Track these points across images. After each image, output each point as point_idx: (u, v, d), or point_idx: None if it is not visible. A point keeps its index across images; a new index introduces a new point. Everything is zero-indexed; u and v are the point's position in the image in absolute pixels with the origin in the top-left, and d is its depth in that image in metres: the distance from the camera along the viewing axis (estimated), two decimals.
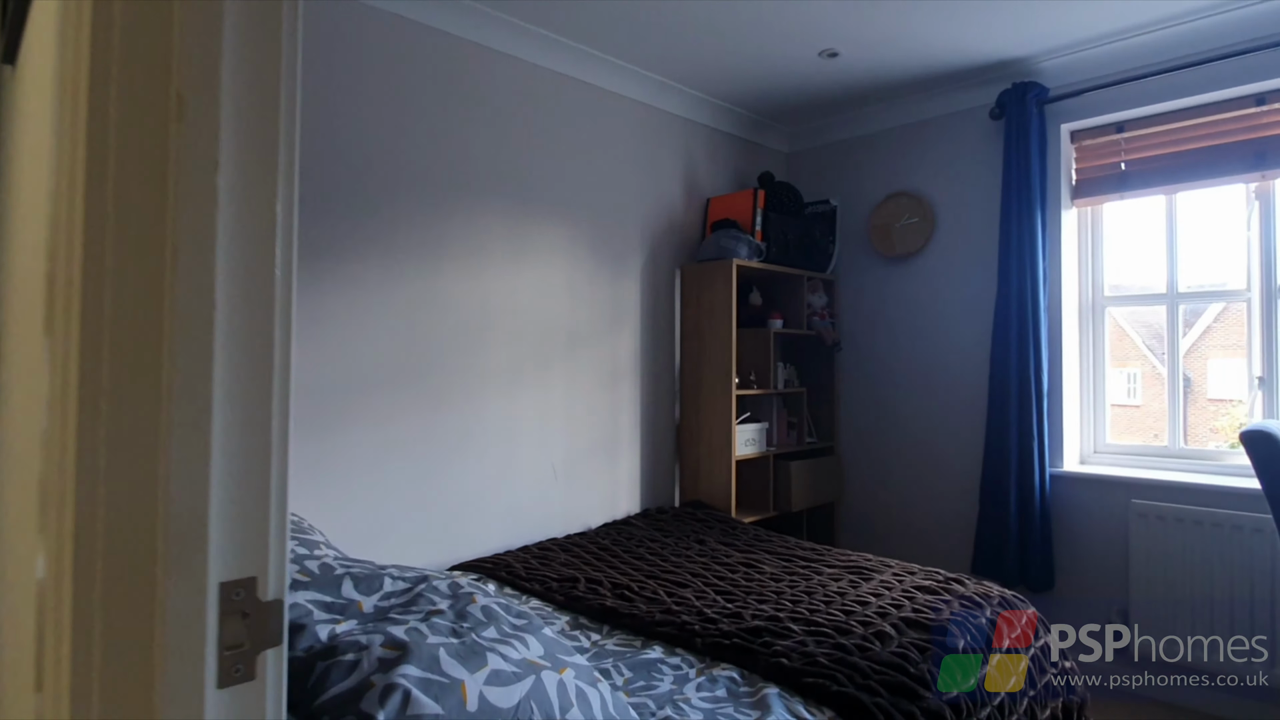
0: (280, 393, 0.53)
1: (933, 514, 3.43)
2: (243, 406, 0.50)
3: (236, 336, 0.50)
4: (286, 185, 0.54)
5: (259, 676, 0.49)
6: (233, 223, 0.50)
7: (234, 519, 0.48)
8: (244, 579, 0.48)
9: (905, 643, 1.81)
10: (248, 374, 0.51)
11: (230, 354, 0.50)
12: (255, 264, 0.51)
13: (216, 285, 0.49)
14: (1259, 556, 2.56)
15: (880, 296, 3.64)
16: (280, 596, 0.50)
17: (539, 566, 2.44)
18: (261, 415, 0.51)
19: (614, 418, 3.12)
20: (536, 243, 2.85)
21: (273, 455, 0.51)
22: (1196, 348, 4.24)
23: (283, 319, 0.52)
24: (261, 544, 0.49)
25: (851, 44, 2.94)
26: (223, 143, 0.51)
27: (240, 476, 0.49)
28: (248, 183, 0.52)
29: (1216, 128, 2.85)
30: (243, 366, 0.50)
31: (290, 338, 0.53)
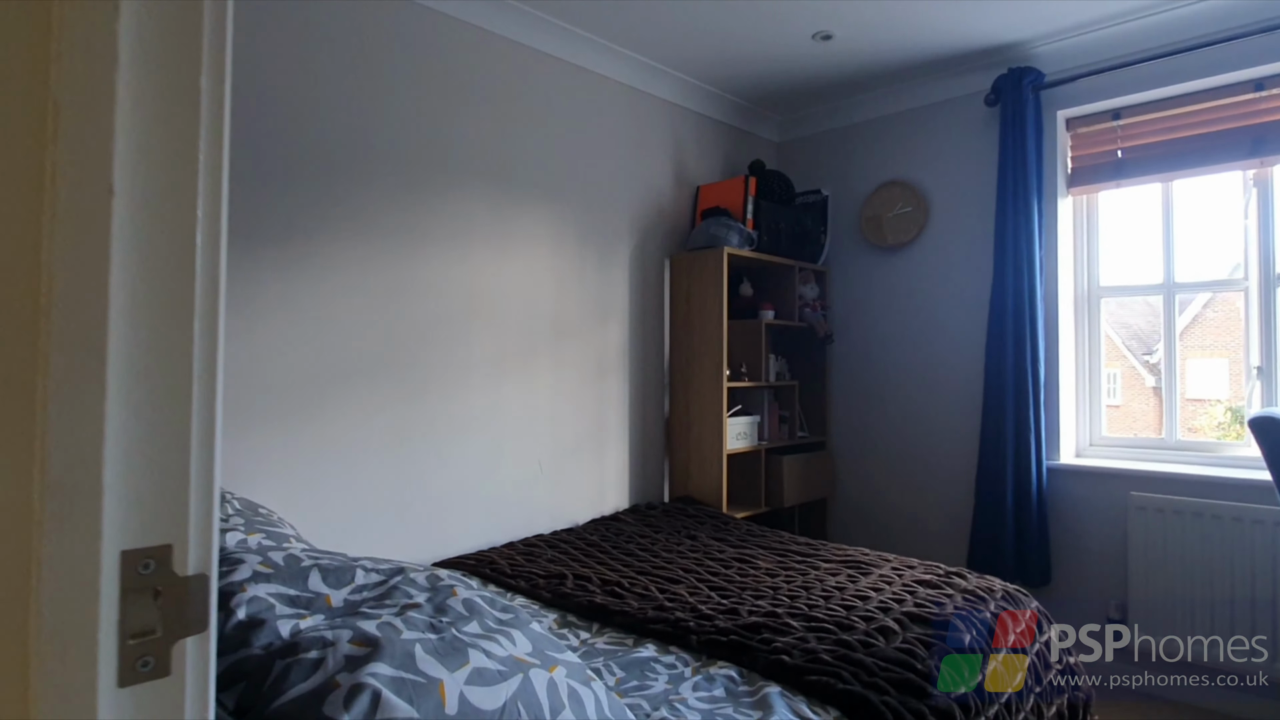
0: (205, 340, 0.42)
1: (927, 509, 3.36)
2: (150, 351, 0.40)
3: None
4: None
5: (175, 672, 0.39)
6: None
7: (140, 472, 0.38)
8: (155, 547, 0.38)
9: (910, 638, 1.73)
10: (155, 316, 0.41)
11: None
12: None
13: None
14: (1260, 548, 2.51)
15: (873, 287, 3.57)
16: (205, 571, 0.40)
17: (525, 563, 2.34)
18: (177, 361, 0.41)
19: (602, 411, 3.02)
20: (522, 229, 2.74)
21: (194, 403, 0.41)
22: (1169, 352, 4.23)
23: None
24: (178, 504, 0.39)
25: (846, 25, 2.86)
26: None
27: (150, 423, 0.39)
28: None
29: (1214, 114, 2.81)
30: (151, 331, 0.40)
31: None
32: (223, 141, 0.44)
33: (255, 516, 1.66)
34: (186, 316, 0.41)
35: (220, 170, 0.44)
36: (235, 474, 1.99)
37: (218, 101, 0.44)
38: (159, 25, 0.41)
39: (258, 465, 2.05)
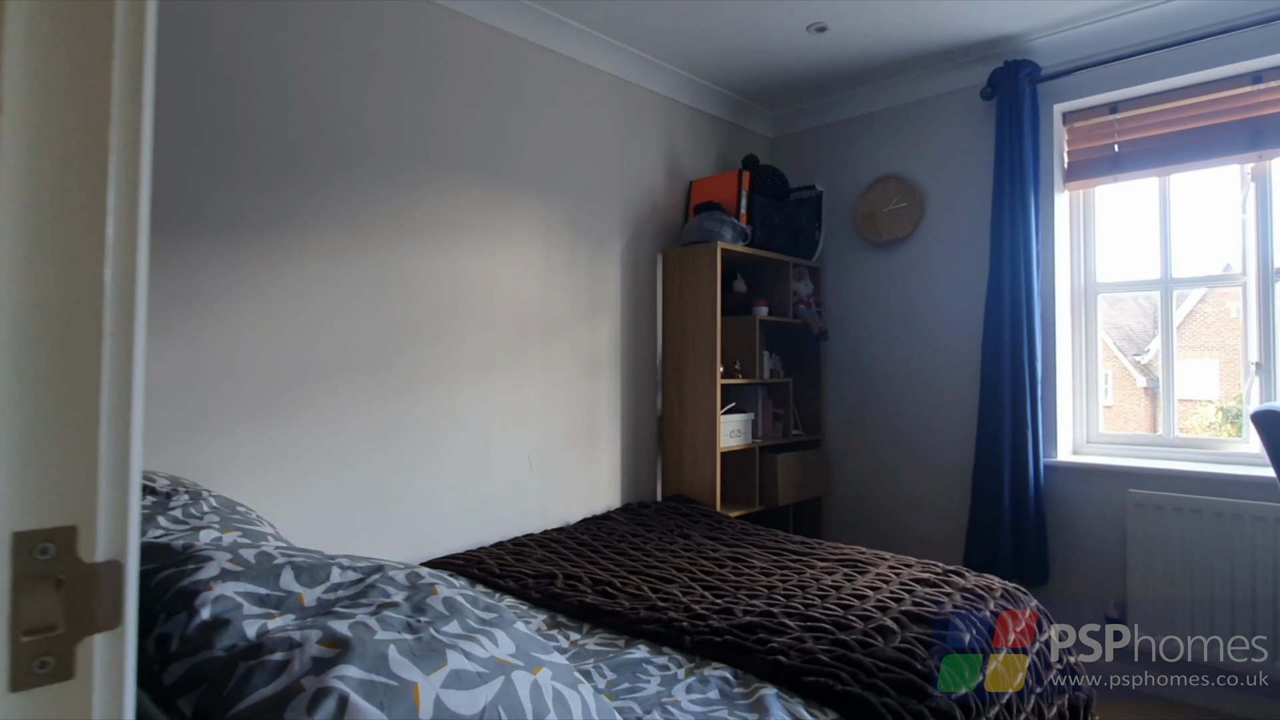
0: (119, 294, 0.37)
1: (923, 507, 3.32)
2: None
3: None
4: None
5: (80, 675, 0.33)
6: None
7: (37, 443, 0.32)
8: (55, 529, 0.32)
9: (909, 638, 1.68)
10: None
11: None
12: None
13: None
14: (1261, 545, 2.48)
15: (867, 284, 3.53)
16: (119, 558, 0.34)
17: (514, 563, 2.28)
18: (80, 318, 0.35)
19: (593, 408, 2.96)
20: (511, 222, 2.69)
21: (104, 368, 0.35)
22: (1166, 348, 4.21)
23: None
24: (85, 481, 0.33)
25: (841, 17, 2.82)
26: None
27: (50, 390, 0.33)
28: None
29: (1211, 107, 2.78)
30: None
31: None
32: (143, 78, 0.38)
33: (232, 515, 1.61)
34: (93, 264, 0.36)
35: (140, 110, 0.38)
36: (213, 472, 1.93)
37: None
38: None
39: (237, 463, 1.99)
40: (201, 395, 1.93)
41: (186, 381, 1.90)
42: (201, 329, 1.93)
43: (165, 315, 1.85)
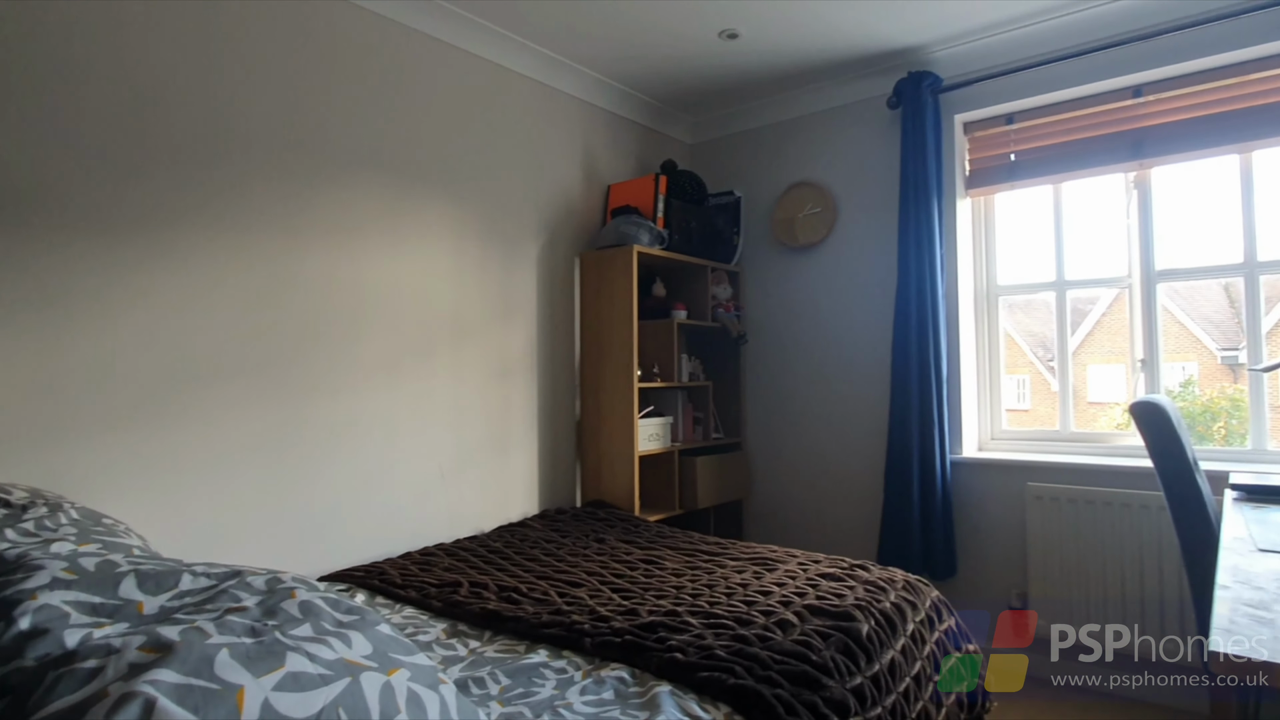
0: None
1: (840, 505, 3.38)
2: None
3: None
4: None
5: None
6: None
7: None
8: None
9: (808, 630, 1.69)
10: None
11: None
12: None
13: None
14: (1146, 532, 2.60)
15: (785, 287, 3.59)
16: None
17: (418, 573, 2.21)
18: None
19: (507, 414, 2.91)
20: (419, 223, 2.62)
21: None
22: (1078, 354, 4.43)
23: None
24: None
25: (751, 24, 2.87)
26: None
27: None
28: None
29: (1098, 119, 2.94)
30: None
31: None
32: None
33: (95, 527, 1.50)
34: None
35: None
36: (85, 484, 1.80)
37: None
38: None
39: (112, 475, 1.86)
40: (72, 403, 1.81)
41: (52, 388, 1.77)
42: (71, 333, 1.81)
43: (24, 318, 1.73)
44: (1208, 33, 2.59)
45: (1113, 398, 3.47)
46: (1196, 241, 2.89)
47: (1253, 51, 2.57)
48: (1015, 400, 4.48)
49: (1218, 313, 3.15)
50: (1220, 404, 3.03)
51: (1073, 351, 4.38)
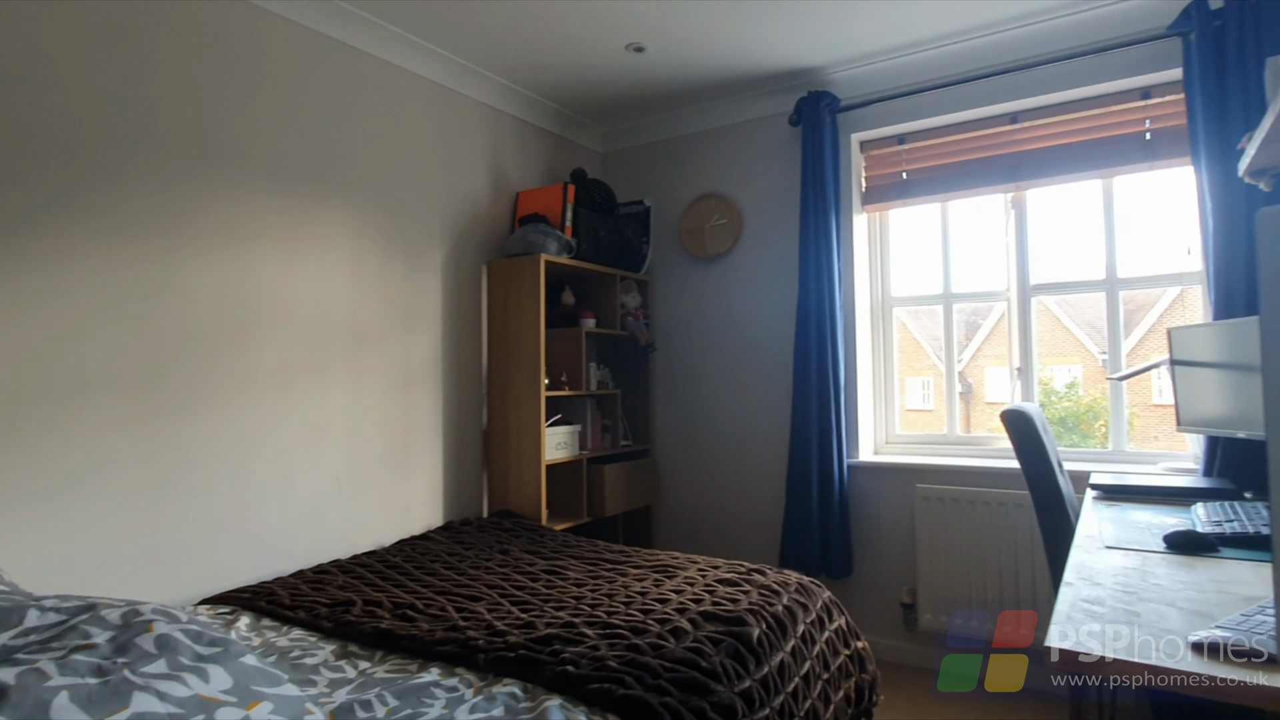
0: None
1: (745, 510, 3.47)
2: None
3: None
4: None
5: None
6: None
7: None
8: None
9: (700, 637, 1.73)
10: None
11: None
12: None
13: None
14: (1019, 529, 2.79)
15: (693, 297, 3.66)
16: None
17: (310, 592, 2.13)
18: None
19: (410, 424, 2.85)
20: (316, 229, 2.54)
21: None
22: (976, 357, 4.70)
23: None
24: None
25: (657, 39, 2.92)
26: None
27: None
28: None
29: (980, 142, 3.13)
30: None
31: None
32: None
33: None
34: None
35: None
36: None
37: None
38: None
39: None
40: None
41: None
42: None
43: None
44: (1075, 66, 2.81)
45: (1006, 399, 3.70)
46: (1071, 257, 3.12)
47: (1113, 85, 2.80)
48: (920, 401, 4.70)
49: (1099, 318, 3.41)
50: (1102, 404, 3.27)
51: (970, 355, 4.65)
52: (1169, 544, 1.54)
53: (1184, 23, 2.50)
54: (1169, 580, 1.32)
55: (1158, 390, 3.20)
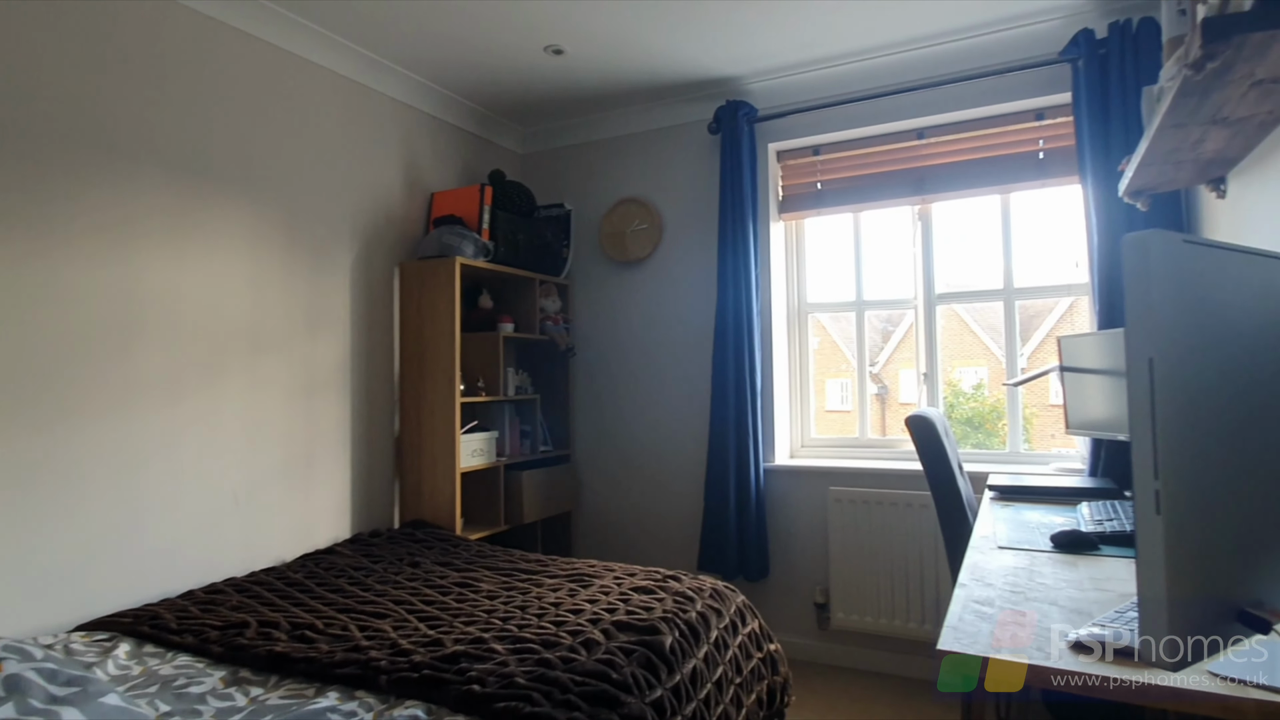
0: None
1: (665, 515, 3.47)
2: None
3: None
4: None
5: None
6: None
7: None
8: None
9: (612, 648, 1.71)
10: None
11: None
12: None
13: None
14: (924, 529, 2.90)
15: (614, 301, 3.65)
16: None
17: (200, 614, 2.00)
18: None
19: (314, 432, 2.72)
20: (210, 227, 2.39)
21: None
22: (891, 361, 4.88)
23: None
24: None
25: (575, 42, 2.89)
26: None
27: None
28: None
29: (889, 156, 3.24)
30: None
31: None
32: None
33: None
34: None
35: None
36: None
37: None
38: None
39: None
40: None
41: None
42: None
43: None
44: (976, 86, 2.94)
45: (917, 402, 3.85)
46: (973, 267, 3.28)
47: (1010, 106, 2.95)
48: (840, 402, 4.83)
49: (1003, 324, 3.58)
50: (1005, 405, 3.44)
51: (886, 359, 4.81)
52: (1055, 543, 1.63)
53: (1073, 50, 2.66)
54: (1053, 579, 1.39)
55: (1055, 391, 3.39)
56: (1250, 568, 0.82)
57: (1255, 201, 1.84)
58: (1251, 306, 0.85)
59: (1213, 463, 0.78)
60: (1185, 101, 1.40)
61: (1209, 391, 0.79)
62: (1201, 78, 1.26)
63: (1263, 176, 1.76)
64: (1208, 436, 0.78)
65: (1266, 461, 0.84)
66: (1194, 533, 0.75)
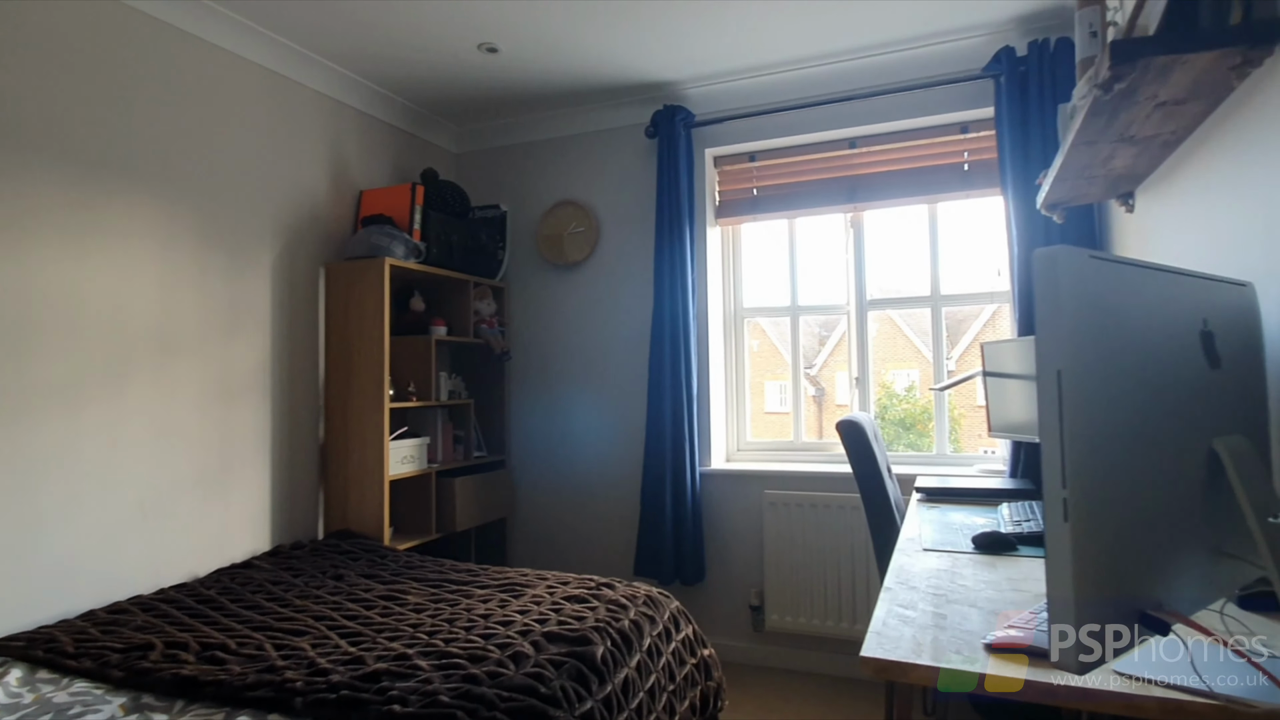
0: None
1: (602, 521, 3.45)
2: None
3: None
4: None
5: None
6: None
7: None
8: None
9: (542, 660, 1.68)
10: None
11: None
12: None
13: None
14: (855, 531, 2.95)
15: (551, 304, 3.60)
16: None
17: (100, 636, 1.87)
18: None
19: (231, 439, 2.58)
20: (116, 223, 2.24)
21: None
22: (827, 364, 4.97)
23: None
24: None
25: (510, 41, 2.84)
26: None
27: None
28: None
29: (823, 164, 3.30)
30: None
31: None
32: None
33: None
34: None
35: None
36: None
37: None
38: None
39: None
40: None
41: None
42: None
43: None
44: (905, 99, 3.02)
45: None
46: (903, 274, 3.36)
47: (937, 119, 3.04)
48: (778, 405, 4.88)
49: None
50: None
51: (822, 363, 4.89)
52: (976, 545, 1.67)
53: (995, 66, 2.76)
54: (974, 581, 1.42)
55: (981, 394, 3.51)
56: (1152, 572, 0.85)
57: (1160, 216, 1.93)
58: (1153, 319, 0.88)
59: (1117, 471, 0.80)
60: (1096, 120, 1.46)
61: (1114, 402, 0.81)
62: (1110, 98, 1.31)
63: (1167, 192, 1.85)
64: (1113, 446, 0.80)
65: (1167, 470, 0.87)
66: (1099, 539, 0.77)
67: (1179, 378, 0.90)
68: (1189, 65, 1.23)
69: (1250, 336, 1.12)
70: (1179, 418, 0.89)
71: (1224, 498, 0.90)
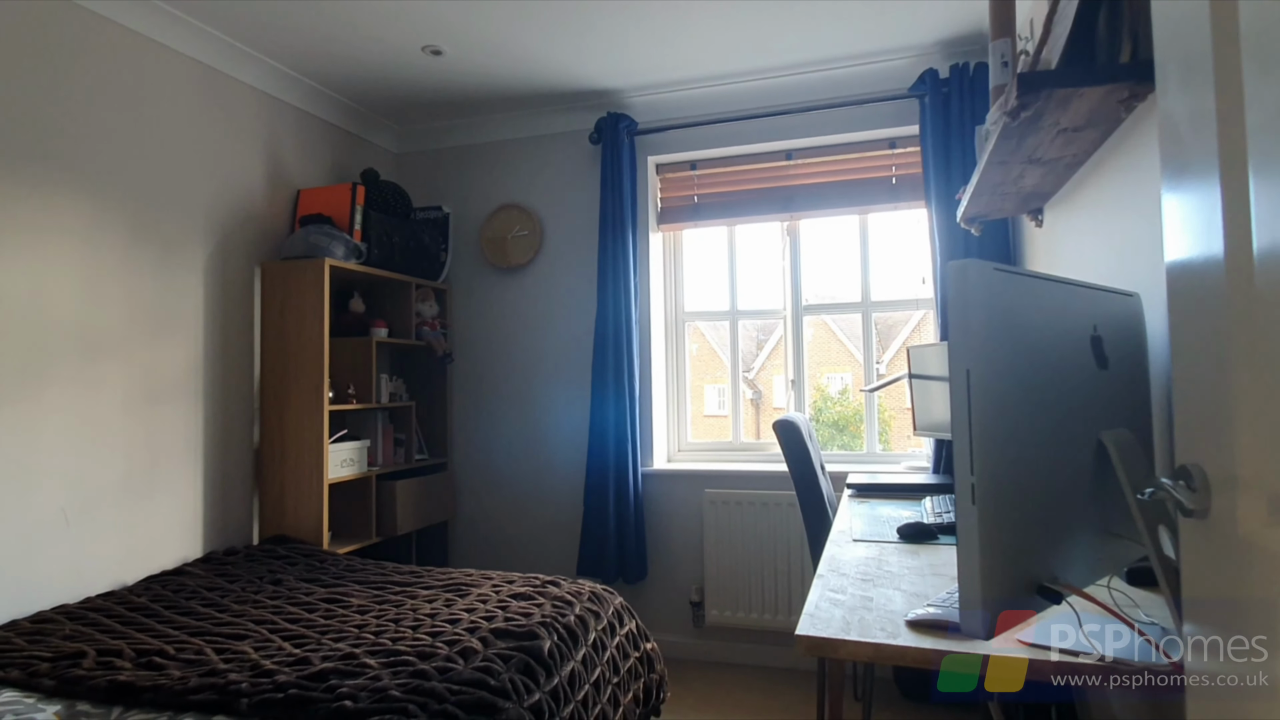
0: None
1: (545, 522, 3.48)
2: None
3: None
4: None
5: None
6: None
7: None
8: None
9: (490, 655, 1.71)
10: None
11: None
12: None
13: None
14: (791, 527, 3.08)
15: (494, 307, 3.62)
16: None
17: (26, 646, 1.81)
18: None
19: (158, 443, 2.50)
20: (36, 219, 2.15)
21: None
22: (765, 368, 5.12)
23: None
24: None
25: (454, 44, 2.86)
26: None
27: None
28: None
29: (761, 174, 3.42)
30: None
31: None
32: None
33: None
34: None
35: None
36: None
37: None
38: None
39: None
40: None
41: None
42: None
43: None
44: (837, 114, 3.17)
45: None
46: (837, 281, 3.51)
47: (868, 134, 3.20)
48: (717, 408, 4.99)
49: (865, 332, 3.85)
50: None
51: (760, 366, 5.04)
52: (901, 535, 1.79)
53: (920, 86, 2.93)
54: (898, 567, 1.53)
55: (908, 395, 3.70)
56: (1048, 549, 0.95)
57: (1065, 230, 2.11)
58: (1050, 325, 1.00)
59: (1019, 460, 0.91)
60: (1006, 142, 1.60)
61: (1017, 398, 0.91)
62: (1018, 124, 1.44)
63: (1070, 210, 2.03)
64: (1016, 437, 0.90)
65: (1062, 459, 0.99)
66: (1002, 519, 0.87)
67: (1072, 377, 1.02)
68: (1085, 97, 1.37)
69: (1136, 341, 1.26)
70: (1072, 412, 1.00)
71: (1111, 484, 1.02)
